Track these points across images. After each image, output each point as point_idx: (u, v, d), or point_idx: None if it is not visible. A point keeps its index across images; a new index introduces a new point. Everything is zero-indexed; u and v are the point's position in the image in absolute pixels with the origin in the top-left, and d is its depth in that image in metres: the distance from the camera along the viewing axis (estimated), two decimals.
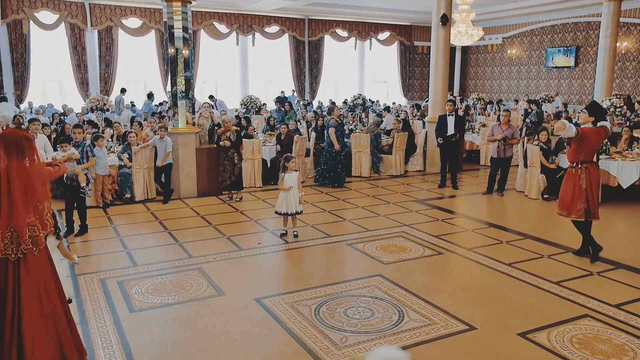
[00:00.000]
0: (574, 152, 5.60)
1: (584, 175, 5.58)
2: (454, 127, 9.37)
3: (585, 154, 5.58)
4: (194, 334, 4.09)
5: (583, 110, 5.81)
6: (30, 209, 3.08)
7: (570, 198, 5.65)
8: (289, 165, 6.32)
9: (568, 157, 5.73)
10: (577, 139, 5.47)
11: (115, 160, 8.43)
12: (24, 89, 15.38)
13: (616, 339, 3.98)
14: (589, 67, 17.43)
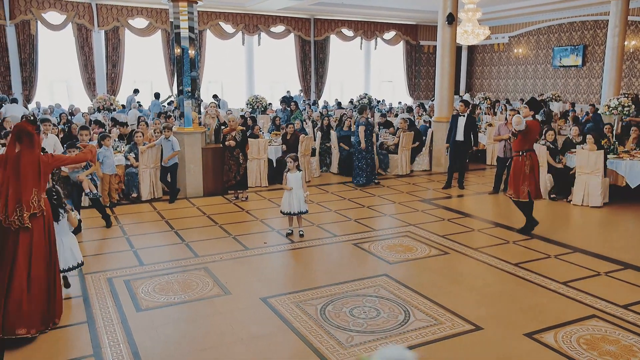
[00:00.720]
0: (520, 143, 6.43)
1: (528, 162, 6.44)
2: (464, 129, 9.31)
3: (529, 144, 6.47)
4: (200, 333, 4.10)
5: (524, 105, 6.62)
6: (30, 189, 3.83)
7: (517, 181, 6.47)
8: (289, 165, 6.34)
9: (514, 147, 6.56)
10: (524, 131, 6.30)
11: (121, 160, 8.47)
12: (31, 89, 15.48)
13: (624, 340, 3.95)
14: (597, 66, 17.31)
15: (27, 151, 3.86)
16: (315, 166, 10.61)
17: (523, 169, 6.43)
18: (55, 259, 4.11)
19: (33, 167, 3.86)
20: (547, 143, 8.72)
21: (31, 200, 3.81)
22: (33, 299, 3.86)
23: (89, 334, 4.05)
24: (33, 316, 3.86)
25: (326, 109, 17.02)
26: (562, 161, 8.67)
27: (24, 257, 3.83)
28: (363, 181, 9.68)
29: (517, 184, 6.47)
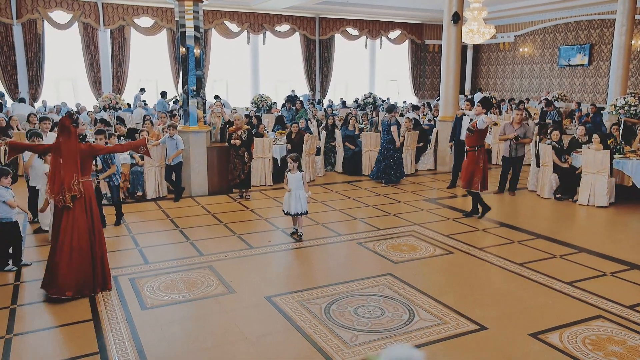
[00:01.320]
0: (478, 139, 7.16)
1: (481, 156, 7.13)
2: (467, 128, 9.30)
3: (481, 140, 7.21)
4: (205, 332, 4.11)
5: (477, 104, 7.23)
6: (71, 174, 4.52)
7: (471, 174, 7.13)
8: (289, 165, 6.32)
9: (471, 142, 7.16)
10: (483, 129, 7.10)
11: (127, 159, 8.50)
12: (38, 88, 15.56)
13: (630, 341, 3.93)
14: (603, 65, 17.21)
15: (66, 142, 4.56)
16: (320, 165, 10.61)
17: (477, 163, 7.09)
18: (99, 236, 4.73)
19: (73, 155, 4.55)
20: (552, 143, 8.68)
21: (72, 184, 4.49)
22: (72, 267, 4.54)
23: (95, 332, 4.07)
24: (68, 282, 4.54)
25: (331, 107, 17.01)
26: (568, 161, 8.62)
27: (66, 231, 4.54)
28: (394, 179, 9.69)
29: (471, 176, 7.12)
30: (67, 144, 4.55)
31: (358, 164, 10.67)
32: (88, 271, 4.64)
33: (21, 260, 5.50)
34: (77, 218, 4.57)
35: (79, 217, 4.59)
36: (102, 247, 4.78)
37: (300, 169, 6.33)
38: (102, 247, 4.78)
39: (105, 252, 4.82)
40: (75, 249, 4.57)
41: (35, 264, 5.60)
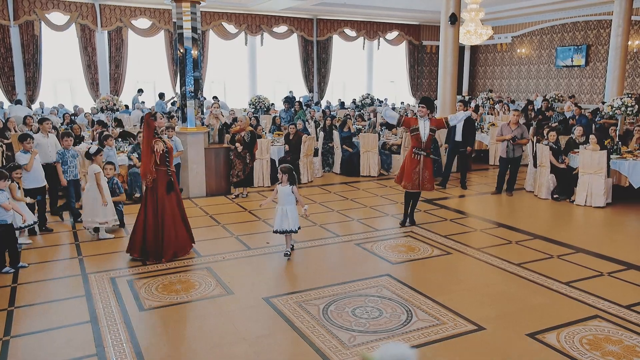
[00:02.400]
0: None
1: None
2: (463, 129, 9.33)
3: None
4: (203, 333, 4.11)
5: (422, 105, 7.00)
6: (148, 161, 5.61)
7: (411, 174, 6.93)
8: (279, 176, 5.75)
9: (412, 143, 7.00)
10: (443, 127, 7.10)
11: (124, 160, 8.49)
12: (35, 89, 15.54)
13: (627, 340, 3.95)
14: (600, 65, 17.27)
15: (145, 134, 5.62)
16: (318, 166, 10.62)
17: (417, 162, 6.93)
18: (176, 212, 5.80)
19: (148, 144, 5.54)
20: (549, 143, 8.71)
21: (150, 169, 5.55)
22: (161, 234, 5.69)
23: (92, 333, 4.07)
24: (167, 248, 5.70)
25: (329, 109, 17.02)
26: (565, 161, 8.65)
27: (151, 208, 5.66)
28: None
29: (414, 175, 6.95)
30: (145, 136, 5.60)
31: (356, 165, 10.68)
32: (186, 229, 5.91)
33: (18, 261, 5.49)
34: (159, 197, 5.64)
35: (161, 197, 5.65)
36: (169, 221, 5.69)
37: (291, 182, 5.68)
38: (169, 221, 5.69)
39: (167, 224, 5.68)
40: (170, 213, 5.68)
41: (32, 265, 5.59)
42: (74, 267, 5.53)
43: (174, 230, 5.70)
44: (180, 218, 5.83)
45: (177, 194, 5.87)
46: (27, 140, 6.45)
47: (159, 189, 5.61)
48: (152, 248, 5.63)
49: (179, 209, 5.84)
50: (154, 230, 5.61)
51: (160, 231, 5.62)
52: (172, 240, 5.67)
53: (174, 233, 5.69)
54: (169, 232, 5.64)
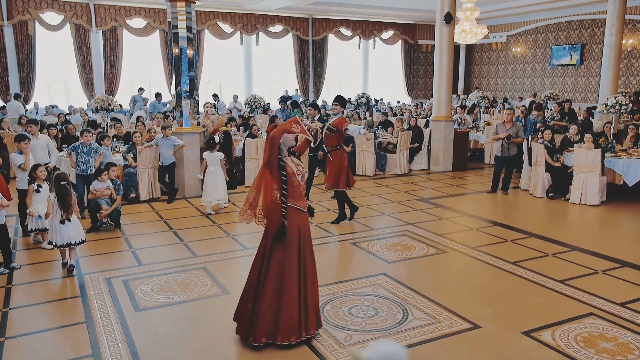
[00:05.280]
0: (339, 138, 6.94)
1: (345, 154, 7.04)
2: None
3: (341, 139, 7.00)
4: (199, 333, 4.11)
5: (335, 103, 7.10)
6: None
7: (338, 174, 6.94)
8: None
9: (333, 142, 6.93)
10: (341, 131, 6.81)
11: (120, 160, 8.47)
12: (29, 89, 15.45)
13: (621, 338, 3.97)
14: (594, 64, 17.33)
15: (270, 152, 3.90)
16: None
17: (342, 161, 6.95)
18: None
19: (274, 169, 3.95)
20: (544, 142, 8.74)
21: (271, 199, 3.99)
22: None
23: (88, 334, 4.05)
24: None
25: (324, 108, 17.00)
26: (560, 160, 8.68)
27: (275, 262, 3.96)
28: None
29: (338, 175, 6.95)
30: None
31: (352, 164, 10.67)
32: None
33: (11, 262, 5.47)
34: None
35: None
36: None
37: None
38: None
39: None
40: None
41: (24, 267, 5.57)
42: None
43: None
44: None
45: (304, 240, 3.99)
46: (24, 140, 6.41)
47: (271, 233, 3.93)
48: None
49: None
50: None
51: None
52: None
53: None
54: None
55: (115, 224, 6.94)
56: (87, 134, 7.39)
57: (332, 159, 6.99)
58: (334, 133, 6.89)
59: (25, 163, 6.33)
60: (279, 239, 3.78)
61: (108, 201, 6.80)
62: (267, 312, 3.74)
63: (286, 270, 3.79)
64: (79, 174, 7.24)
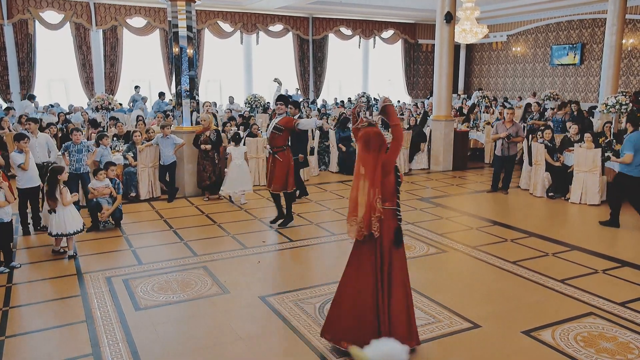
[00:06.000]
0: (286, 138, 6.73)
1: (291, 155, 6.79)
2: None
3: (288, 138, 6.82)
4: (199, 332, 4.11)
5: (280, 102, 6.79)
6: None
7: (286, 175, 6.69)
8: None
9: (278, 143, 6.67)
10: (292, 128, 6.62)
11: (120, 159, 8.47)
12: (29, 88, 15.44)
13: (621, 337, 3.97)
14: (595, 64, 17.33)
15: (368, 154, 3.65)
16: (314, 165, 10.62)
17: (290, 162, 6.72)
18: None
19: (375, 169, 3.65)
20: (544, 141, 8.74)
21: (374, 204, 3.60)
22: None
23: (88, 333, 4.06)
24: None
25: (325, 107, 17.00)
26: (560, 159, 8.68)
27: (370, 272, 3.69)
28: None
29: (286, 177, 6.70)
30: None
31: (352, 164, 10.67)
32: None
33: (11, 261, 5.48)
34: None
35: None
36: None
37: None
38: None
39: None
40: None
41: (24, 266, 5.58)
42: (70, 267, 5.51)
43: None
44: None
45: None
46: (24, 139, 6.41)
47: (385, 237, 3.58)
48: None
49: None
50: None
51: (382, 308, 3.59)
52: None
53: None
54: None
55: (117, 223, 6.94)
56: (77, 132, 7.36)
57: (282, 160, 6.66)
58: (281, 132, 6.64)
59: (26, 162, 6.33)
60: (399, 244, 3.62)
61: (109, 200, 6.80)
62: (400, 319, 3.58)
63: (406, 275, 3.72)
64: (71, 172, 7.15)
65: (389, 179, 3.56)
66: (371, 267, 3.55)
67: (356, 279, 3.59)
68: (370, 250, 3.56)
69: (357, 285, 3.57)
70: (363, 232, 3.48)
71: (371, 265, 3.55)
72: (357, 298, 3.56)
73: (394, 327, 3.55)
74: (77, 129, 7.60)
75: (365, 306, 3.54)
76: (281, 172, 6.68)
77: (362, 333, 3.52)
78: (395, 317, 3.56)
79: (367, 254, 3.56)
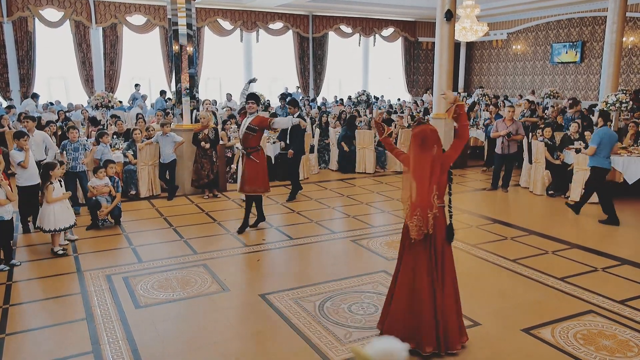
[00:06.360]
0: (259, 139, 6.50)
1: (264, 156, 6.64)
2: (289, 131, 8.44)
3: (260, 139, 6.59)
4: (199, 330, 4.11)
5: (251, 101, 6.43)
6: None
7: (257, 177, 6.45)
8: None
9: (252, 143, 6.41)
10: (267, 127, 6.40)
11: (120, 157, 8.46)
12: (29, 86, 15.44)
13: (621, 335, 3.98)
14: (595, 62, 17.32)
15: (419, 151, 3.68)
16: (314, 163, 10.62)
17: (263, 163, 6.51)
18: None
19: (424, 166, 3.65)
20: (544, 140, 8.74)
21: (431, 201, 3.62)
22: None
23: (88, 331, 4.06)
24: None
25: (324, 105, 16.99)
26: (560, 158, 8.68)
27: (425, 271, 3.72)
28: None
29: (263, 178, 6.50)
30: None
31: (352, 162, 10.68)
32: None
33: (11, 258, 5.48)
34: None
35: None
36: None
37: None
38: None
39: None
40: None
41: (24, 264, 5.58)
42: (70, 264, 5.52)
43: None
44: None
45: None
46: (23, 137, 6.40)
47: (438, 234, 3.61)
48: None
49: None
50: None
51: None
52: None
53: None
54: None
55: (116, 221, 6.94)
56: (74, 130, 7.36)
57: (257, 161, 6.42)
58: (255, 133, 6.37)
59: (25, 160, 6.33)
60: (451, 240, 3.69)
61: (108, 198, 6.80)
62: (453, 319, 3.66)
63: (455, 271, 3.77)
64: (68, 171, 7.12)
65: (443, 176, 3.61)
66: (427, 265, 3.61)
67: (412, 278, 3.63)
68: (425, 249, 3.61)
69: (413, 284, 3.63)
70: (423, 230, 3.52)
71: (427, 263, 3.61)
72: (413, 297, 3.63)
73: (448, 323, 3.62)
74: (73, 127, 7.58)
75: (422, 304, 3.59)
76: (255, 174, 6.45)
77: (420, 331, 3.60)
78: (448, 313, 3.64)
79: (422, 252, 3.61)
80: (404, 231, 3.70)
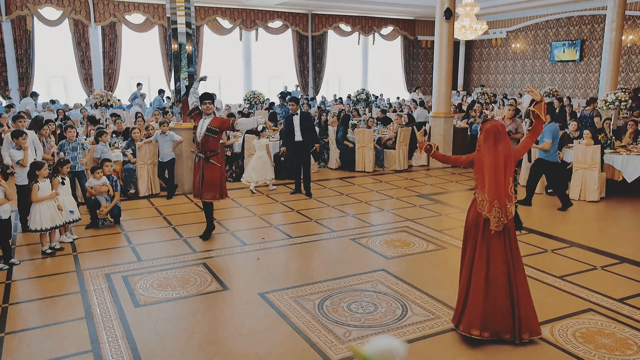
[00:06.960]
0: (219, 141, 6.24)
1: (223, 160, 6.37)
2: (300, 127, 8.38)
3: (219, 142, 6.31)
4: (199, 329, 4.11)
5: (208, 101, 6.12)
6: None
7: (217, 182, 6.07)
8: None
9: (212, 146, 6.05)
10: (227, 129, 6.15)
11: (119, 156, 8.46)
12: (28, 85, 15.43)
13: (620, 333, 3.98)
14: (594, 60, 17.33)
15: (491, 144, 3.80)
16: (313, 162, 10.60)
17: (223, 168, 6.24)
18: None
19: (496, 161, 3.79)
20: None
21: (509, 192, 3.76)
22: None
23: (87, 330, 4.06)
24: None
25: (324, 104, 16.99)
26: (560, 156, 8.67)
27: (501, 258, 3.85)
28: None
29: (222, 183, 6.16)
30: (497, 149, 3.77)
31: (352, 160, 10.68)
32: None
33: (10, 257, 5.48)
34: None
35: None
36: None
37: None
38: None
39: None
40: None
41: (24, 262, 5.58)
42: (69, 263, 5.51)
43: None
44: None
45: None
46: (22, 136, 6.39)
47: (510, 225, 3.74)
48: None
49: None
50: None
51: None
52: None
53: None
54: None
55: (115, 220, 6.94)
56: (71, 130, 7.38)
57: (217, 165, 6.07)
58: (216, 135, 6.00)
59: (24, 159, 6.32)
60: (520, 228, 3.97)
61: (107, 197, 6.80)
62: (527, 303, 3.79)
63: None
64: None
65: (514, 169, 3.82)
66: (503, 255, 3.72)
67: (487, 269, 3.72)
68: (500, 240, 3.72)
69: (489, 275, 3.72)
70: (503, 221, 3.65)
71: (503, 253, 3.72)
72: (489, 288, 3.71)
73: (524, 311, 3.75)
74: (71, 126, 7.55)
75: (499, 294, 3.70)
76: (214, 179, 6.05)
77: (499, 321, 3.72)
78: (523, 301, 3.76)
79: (497, 243, 3.72)
80: (471, 225, 3.80)
